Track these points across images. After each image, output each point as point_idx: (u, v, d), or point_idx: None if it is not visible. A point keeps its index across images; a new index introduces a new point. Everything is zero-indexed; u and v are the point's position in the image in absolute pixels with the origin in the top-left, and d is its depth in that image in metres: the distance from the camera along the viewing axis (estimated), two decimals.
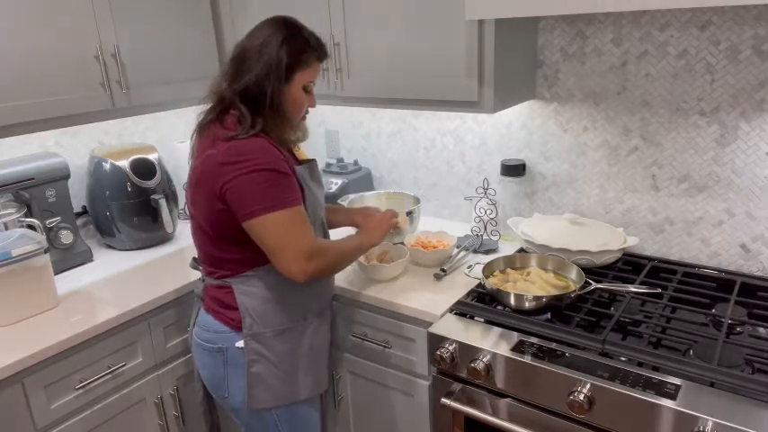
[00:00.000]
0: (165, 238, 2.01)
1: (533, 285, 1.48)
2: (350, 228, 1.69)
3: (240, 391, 1.38)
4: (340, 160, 2.26)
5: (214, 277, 1.38)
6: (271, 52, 1.28)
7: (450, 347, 1.38)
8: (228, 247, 1.33)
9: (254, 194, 1.23)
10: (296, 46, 1.31)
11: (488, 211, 1.88)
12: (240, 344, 1.35)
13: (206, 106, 1.36)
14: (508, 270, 1.61)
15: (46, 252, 1.53)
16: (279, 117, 1.31)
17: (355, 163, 2.28)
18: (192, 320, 1.49)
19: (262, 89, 1.28)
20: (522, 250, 1.77)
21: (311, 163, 1.44)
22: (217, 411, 1.64)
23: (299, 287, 1.37)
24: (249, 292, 1.35)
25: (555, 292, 1.44)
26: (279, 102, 1.30)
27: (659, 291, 1.47)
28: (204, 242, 1.37)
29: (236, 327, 1.36)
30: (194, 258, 1.51)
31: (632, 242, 1.66)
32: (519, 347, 1.32)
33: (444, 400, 1.41)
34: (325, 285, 1.48)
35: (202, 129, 1.34)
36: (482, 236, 1.89)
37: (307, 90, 1.37)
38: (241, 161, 1.23)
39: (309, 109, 1.41)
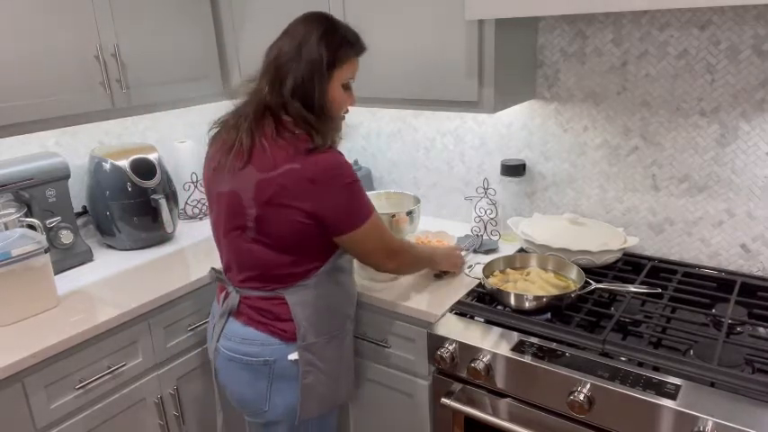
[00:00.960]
0: (165, 238, 2.01)
1: (533, 285, 1.48)
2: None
3: (283, 403, 1.34)
4: None
5: (266, 290, 1.32)
6: (311, 50, 1.24)
7: (451, 347, 1.38)
8: (293, 261, 1.30)
9: (353, 208, 1.26)
10: (334, 41, 1.27)
11: (488, 211, 1.88)
12: (293, 356, 1.32)
13: (237, 113, 1.30)
14: (508, 270, 1.61)
15: (46, 252, 1.53)
16: (327, 119, 1.29)
17: (355, 163, 2.28)
18: (216, 335, 1.40)
19: (306, 91, 1.25)
20: (522, 250, 1.77)
21: None
22: None
23: (343, 294, 1.39)
24: (302, 301, 1.32)
25: (555, 292, 1.44)
26: (323, 102, 1.27)
27: (659, 291, 1.47)
28: (265, 258, 1.30)
29: (289, 338, 1.32)
30: (216, 270, 1.46)
31: (632, 242, 1.66)
32: (519, 347, 1.32)
33: (444, 400, 1.41)
34: (355, 288, 1.50)
35: (266, 139, 1.24)
36: (482, 236, 1.89)
37: (346, 87, 1.33)
38: (331, 176, 1.22)
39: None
